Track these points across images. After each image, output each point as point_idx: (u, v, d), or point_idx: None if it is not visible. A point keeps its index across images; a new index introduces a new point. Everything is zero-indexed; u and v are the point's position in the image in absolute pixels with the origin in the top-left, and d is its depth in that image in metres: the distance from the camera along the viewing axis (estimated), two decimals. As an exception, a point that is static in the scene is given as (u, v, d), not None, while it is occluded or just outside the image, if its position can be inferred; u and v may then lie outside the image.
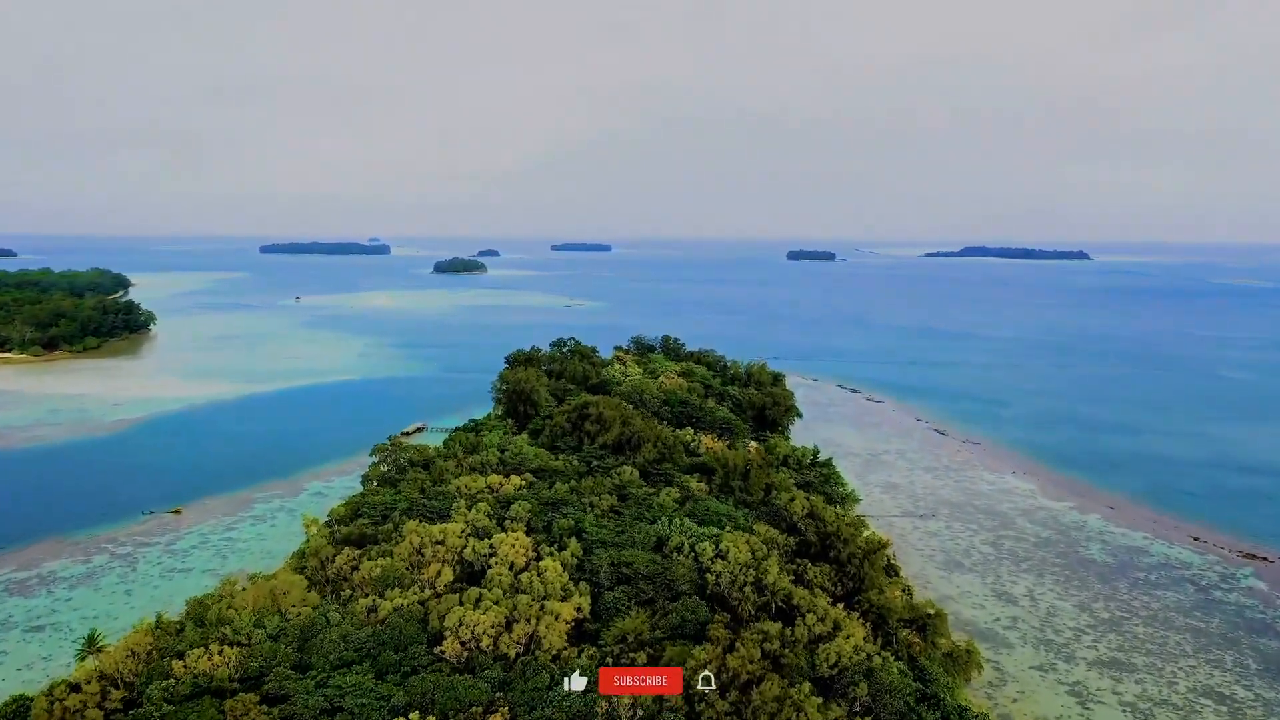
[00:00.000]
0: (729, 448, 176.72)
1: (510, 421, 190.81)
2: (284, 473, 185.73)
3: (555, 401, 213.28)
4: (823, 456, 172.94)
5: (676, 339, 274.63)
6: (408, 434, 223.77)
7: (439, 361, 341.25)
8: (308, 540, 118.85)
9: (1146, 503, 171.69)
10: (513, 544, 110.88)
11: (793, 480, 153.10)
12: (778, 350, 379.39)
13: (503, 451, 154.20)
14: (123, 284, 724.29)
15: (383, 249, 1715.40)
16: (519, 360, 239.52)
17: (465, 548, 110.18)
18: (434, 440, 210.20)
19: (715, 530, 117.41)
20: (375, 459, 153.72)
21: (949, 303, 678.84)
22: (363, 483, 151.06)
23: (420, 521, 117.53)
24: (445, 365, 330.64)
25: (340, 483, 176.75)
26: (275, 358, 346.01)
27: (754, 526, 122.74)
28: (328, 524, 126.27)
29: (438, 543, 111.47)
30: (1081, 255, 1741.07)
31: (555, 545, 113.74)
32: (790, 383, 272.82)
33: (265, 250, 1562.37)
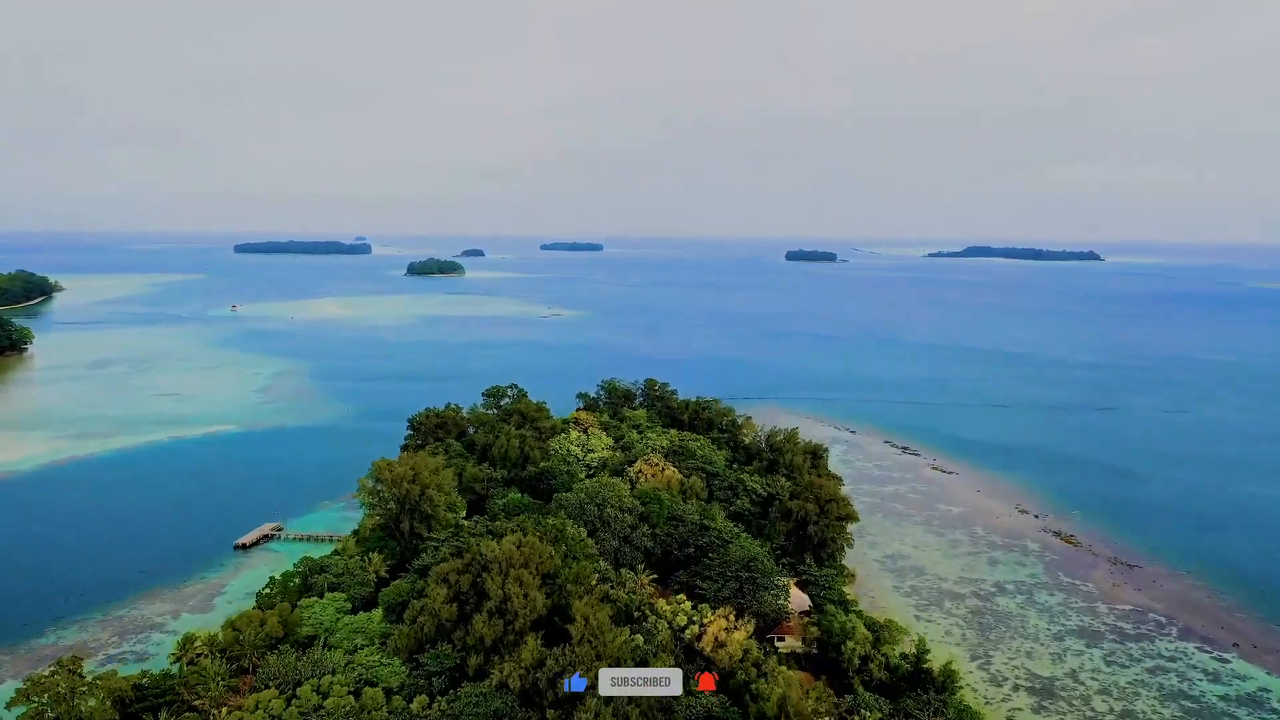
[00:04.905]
0: (754, 639, 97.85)
1: (378, 557, 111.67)
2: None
3: (471, 500, 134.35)
4: (910, 619, 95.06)
5: (664, 384, 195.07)
6: (244, 546, 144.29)
7: (358, 400, 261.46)
8: None
9: None
10: None
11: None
12: (791, 380, 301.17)
13: (294, 693, 74.59)
14: (42, 290, 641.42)
15: (364, 248, 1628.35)
16: (427, 427, 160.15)
17: None
18: (281, 560, 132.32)
19: None
20: (22, 713, 74.44)
21: (977, 313, 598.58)
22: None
23: None
24: (364, 408, 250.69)
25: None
26: (146, 394, 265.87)
27: None
28: None
29: None
30: (1092, 256, 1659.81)
31: None
32: (820, 435, 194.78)
33: (240, 249, 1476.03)
